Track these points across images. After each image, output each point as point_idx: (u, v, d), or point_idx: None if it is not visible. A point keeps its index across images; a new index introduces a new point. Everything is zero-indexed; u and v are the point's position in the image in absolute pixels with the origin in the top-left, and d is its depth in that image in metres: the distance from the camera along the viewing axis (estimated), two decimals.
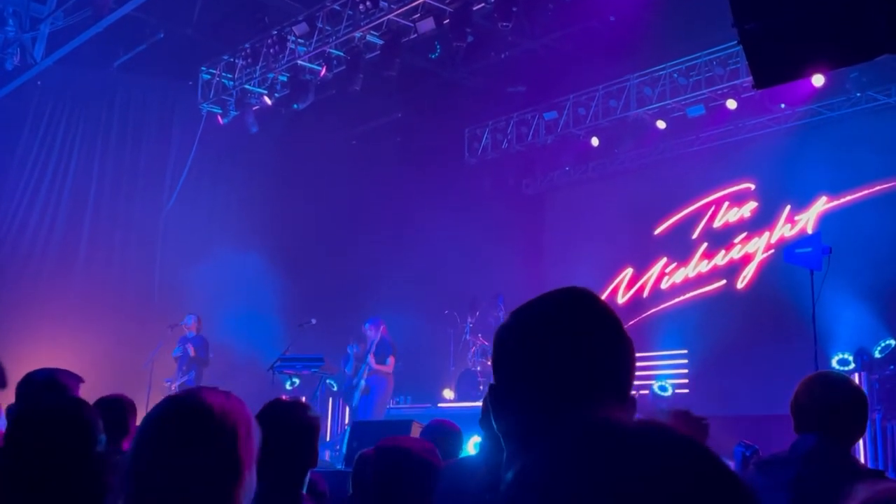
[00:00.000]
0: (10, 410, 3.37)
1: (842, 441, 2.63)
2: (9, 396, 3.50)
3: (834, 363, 9.94)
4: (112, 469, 2.06)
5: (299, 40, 10.82)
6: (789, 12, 4.21)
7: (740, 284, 11.88)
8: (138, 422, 4.45)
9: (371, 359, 10.31)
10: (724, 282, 12.05)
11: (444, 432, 4.27)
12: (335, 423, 11.59)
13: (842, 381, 2.77)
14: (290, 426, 2.74)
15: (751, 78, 5.06)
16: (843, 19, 4.01)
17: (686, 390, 11.61)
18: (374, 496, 2.88)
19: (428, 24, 9.81)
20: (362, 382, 10.30)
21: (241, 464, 1.66)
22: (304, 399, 3.12)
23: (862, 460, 7.74)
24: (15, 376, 3.47)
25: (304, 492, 2.84)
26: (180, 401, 1.74)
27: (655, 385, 11.84)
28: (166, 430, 1.68)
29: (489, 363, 12.30)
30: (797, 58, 4.37)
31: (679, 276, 12.58)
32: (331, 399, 11.56)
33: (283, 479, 2.67)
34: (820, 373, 2.83)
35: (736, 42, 4.57)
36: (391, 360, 10.45)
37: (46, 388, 3.15)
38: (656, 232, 12.89)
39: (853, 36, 4.04)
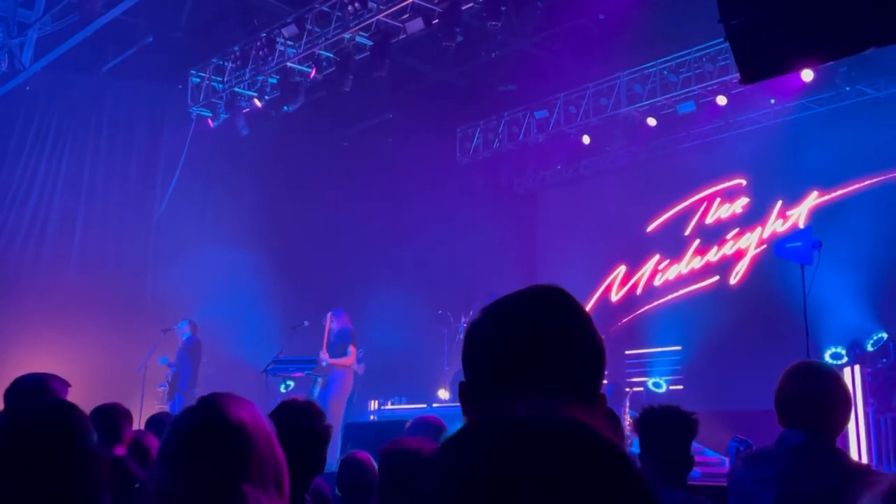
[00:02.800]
0: None
1: (828, 434, 2.63)
2: None
3: (827, 357, 9.97)
4: (104, 468, 2.05)
5: (288, 42, 10.80)
6: (775, 8, 4.23)
7: (733, 280, 11.91)
8: (133, 427, 4.47)
9: (324, 355, 9.98)
10: (717, 278, 12.09)
11: (429, 429, 4.25)
12: None
13: (825, 372, 2.75)
14: (304, 431, 2.72)
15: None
16: (829, 14, 4.03)
17: (680, 386, 11.64)
18: (381, 499, 2.86)
19: (417, 25, 9.81)
20: (320, 377, 10.09)
21: (273, 478, 1.62)
22: (317, 404, 3.08)
23: (855, 453, 7.77)
24: (6, 382, 3.45)
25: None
26: (203, 415, 1.65)
27: (650, 381, 11.87)
28: (191, 446, 1.60)
29: None
30: (784, 53, 4.39)
31: (672, 272, 12.61)
32: None
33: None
34: (803, 364, 2.80)
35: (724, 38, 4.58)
36: (351, 349, 9.96)
37: (35, 393, 3.15)
38: (649, 229, 12.92)
39: (839, 30, 4.05)
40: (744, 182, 12.00)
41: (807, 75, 10.04)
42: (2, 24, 10.55)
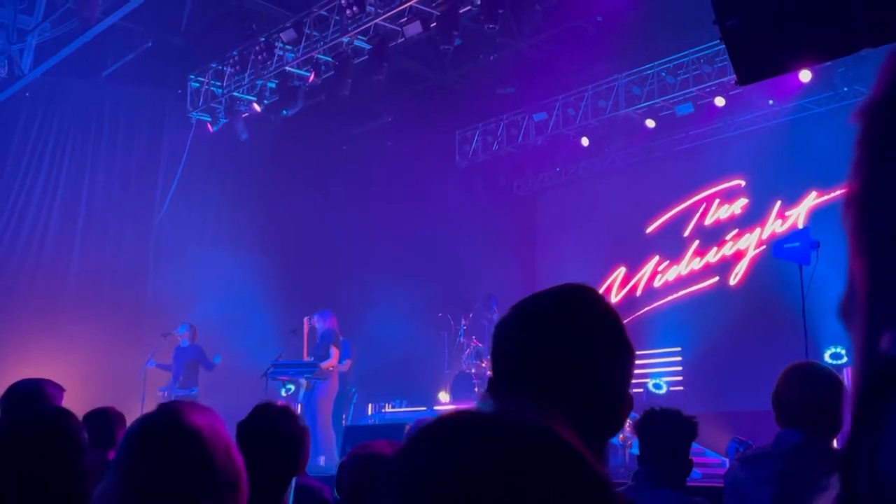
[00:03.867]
0: None
1: (825, 434, 2.64)
2: None
3: (827, 357, 9.96)
4: (97, 480, 2.05)
5: (287, 47, 10.82)
6: (769, 8, 4.24)
7: (733, 281, 11.90)
8: None
9: (306, 358, 9.89)
10: (716, 279, 12.08)
11: None
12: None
13: (822, 372, 2.76)
14: (279, 434, 2.74)
15: None
16: (823, 14, 4.04)
17: (681, 387, 11.63)
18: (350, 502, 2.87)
19: (415, 28, 9.83)
20: (304, 380, 9.93)
21: (219, 487, 1.58)
22: (291, 407, 3.11)
23: None
24: (6, 385, 3.46)
25: (291, 500, 2.85)
26: (155, 422, 1.63)
27: (650, 383, 11.87)
28: (138, 454, 1.58)
29: (483, 365, 12.31)
30: (778, 54, 4.40)
31: (672, 273, 12.61)
32: None
33: (265, 487, 2.66)
34: (800, 364, 2.81)
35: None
36: (334, 351, 9.74)
37: (32, 399, 3.15)
38: (648, 230, 12.91)
39: (833, 30, 4.07)
40: (742, 183, 12.00)
41: (805, 76, 10.06)
42: (1, 30, 10.56)
